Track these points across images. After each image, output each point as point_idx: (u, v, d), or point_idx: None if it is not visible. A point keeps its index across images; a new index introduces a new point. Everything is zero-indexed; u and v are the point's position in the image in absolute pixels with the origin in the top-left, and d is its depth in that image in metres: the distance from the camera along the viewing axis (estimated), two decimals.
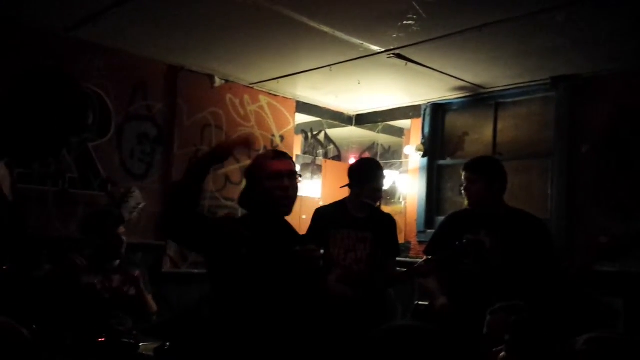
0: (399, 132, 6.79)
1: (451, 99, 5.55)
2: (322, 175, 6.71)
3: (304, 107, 5.96)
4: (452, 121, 5.71)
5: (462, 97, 5.45)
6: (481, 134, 5.45)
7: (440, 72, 4.70)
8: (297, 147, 6.54)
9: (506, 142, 5.25)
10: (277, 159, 2.36)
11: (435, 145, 5.72)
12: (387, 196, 6.14)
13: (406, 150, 5.98)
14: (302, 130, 6.97)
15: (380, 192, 3.67)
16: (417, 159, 5.78)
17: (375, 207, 3.72)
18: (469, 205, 3.31)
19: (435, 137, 5.72)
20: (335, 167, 6.94)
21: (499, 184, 3.26)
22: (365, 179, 3.60)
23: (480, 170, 3.28)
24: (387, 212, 4.01)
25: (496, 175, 3.27)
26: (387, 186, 5.92)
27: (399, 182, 6.13)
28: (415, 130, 5.91)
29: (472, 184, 3.25)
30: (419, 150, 5.68)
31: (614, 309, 3.85)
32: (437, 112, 5.74)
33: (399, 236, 4.51)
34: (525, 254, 3.12)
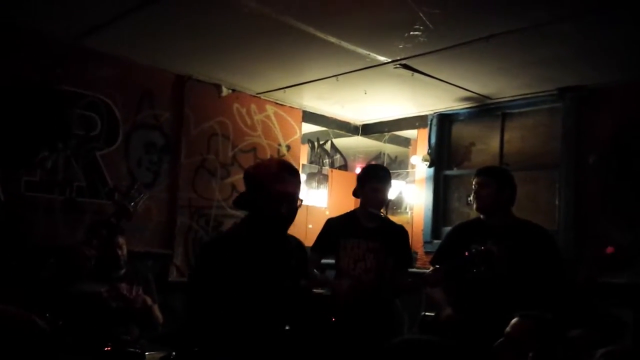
0: (406, 142, 6.79)
1: (458, 109, 5.54)
2: (329, 184, 6.71)
3: (310, 117, 5.97)
4: (459, 131, 5.71)
5: (468, 108, 5.45)
6: (488, 144, 5.45)
7: (446, 82, 4.70)
8: (304, 156, 6.55)
9: (513, 153, 5.24)
10: (292, 177, 2.28)
11: (441, 155, 5.72)
12: (394, 206, 6.13)
13: (413, 160, 5.97)
14: (309, 139, 6.97)
15: (380, 193, 3.56)
16: (423, 169, 5.77)
17: (386, 218, 3.71)
18: (478, 209, 3.32)
19: (441, 147, 5.72)
20: (341, 177, 6.94)
21: (508, 192, 3.31)
22: (365, 179, 3.61)
23: (492, 175, 3.36)
24: (392, 220, 3.99)
25: (507, 183, 3.34)
26: (393, 196, 5.91)
27: (406, 192, 6.12)
28: (421, 140, 5.91)
29: (483, 188, 3.29)
30: (425, 160, 5.68)
31: (623, 321, 3.82)
32: (444, 122, 5.74)
33: None
34: (532, 264, 3.12)
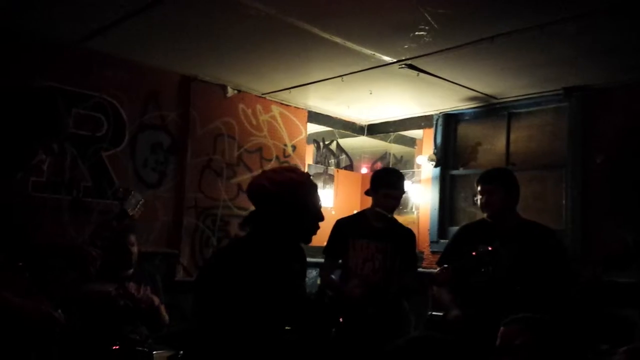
0: (411, 142, 6.79)
1: (463, 109, 5.54)
2: (334, 184, 6.72)
3: (315, 117, 5.98)
4: (465, 131, 5.70)
5: (474, 107, 5.45)
6: (494, 144, 5.44)
7: (452, 82, 4.70)
8: (309, 156, 6.56)
9: (519, 153, 5.23)
10: (317, 189, 2.23)
11: (447, 155, 5.71)
12: (400, 206, 6.11)
13: (418, 160, 5.97)
14: (314, 140, 6.98)
15: (392, 199, 3.63)
16: (429, 169, 5.77)
17: (394, 219, 3.73)
18: (489, 216, 3.31)
19: (447, 147, 5.71)
20: (347, 177, 6.95)
21: (515, 193, 3.30)
22: (378, 184, 3.64)
23: (498, 180, 3.32)
24: (400, 222, 4.00)
25: (513, 185, 3.33)
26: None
27: (411, 192, 6.12)
28: (427, 140, 5.91)
29: (492, 194, 3.26)
30: (431, 160, 5.67)
31: (631, 321, 3.80)
32: (449, 122, 5.73)
33: None
34: (539, 265, 3.11)
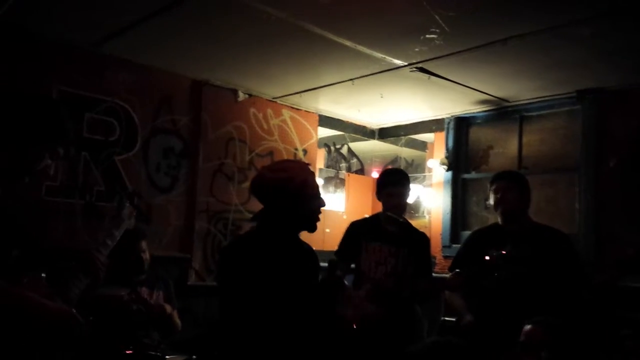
0: (422, 145, 6.77)
1: (475, 113, 5.52)
2: (346, 188, 6.71)
3: (326, 121, 5.98)
4: (476, 134, 5.68)
5: (486, 111, 5.42)
6: (506, 147, 5.41)
7: (463, 85, 4.68)
8: (320, 160, 6.55)
9: (532, 156, 5.20)
10: (314, 175, 2.37)
11: (459, 158, 5.69)
12: (411, 210, 6.10)
13: (430, 163, 5.95)
14: (325, 143, 6.98)
15: (395, 197, 3.58)
16: (441, 173, 5.75)
17: (408, 223, 3.71)
18: (504, 213, 3.30)
19: (459, 150, 5.69)
20: (358, 181, 6.93)
21: (528, 196, 3.32)
22: (381, 184, 3.66)
23: (515, 179, 3.36)
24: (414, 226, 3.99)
25: (527, 187, 3.36)
26: (411, 200, 5.89)
27: (423, 196, 6.10)
28: (438, 143, 5.89)
29: (508, 192, 3.28)
30: (442, 163, 5.65)
31: None
32: (461, 125, 5.71)
33: None
34: (552, 269, 3.09)
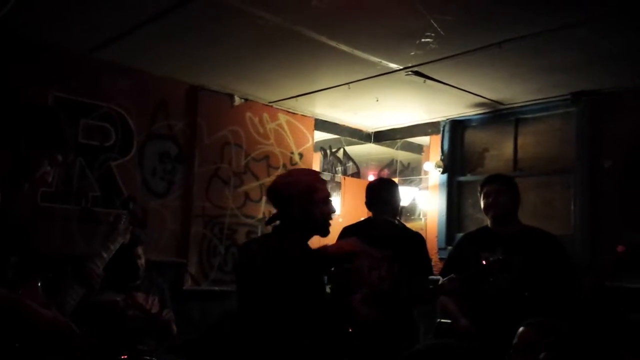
0: (418, 148, 6.77)
1: (470, 116, 5.53)
2: (341, 192, 6.71)
3: (322, 125, 5.98)
4: (472, 137, 5.69)
5: (481, 114, 5.43)
6: (501, 150, 5.42)
7: (458, 88, 4.70)
8: (316, 164, 6.55)
9: (527, 158, 5.21)
10: (324, 182, 2.46)
11: (454, 161, 5.70)
12: (407, 213, 6.11)
13: (425, 166, 5.95)
14: (321, 147, 6.97)
15: (388, 213, 3.65)
16: (436, 176, 5.76)
17: (401, 226, 3.71)
18: (495, 217, 3.32)
19: (454, 153, 5.70)
20: (354, 184, 6.93)
21: (518, 198, 3.36)
22: (370, 203, 3.68)
23: (506, 182, 3.39)
24: (408, 227, 3.98)
25: (517, 190, 3.39)
26: (406, 203, 5.89)
27: (419, 198, 6.10)
28: (434, 146, 5.90)
29: (500, 195, 3.30)
30: (438, 166, 5.66)
31: None
32: (456, 128, 5.72)
33: None
34: (544, 271, 3.10)
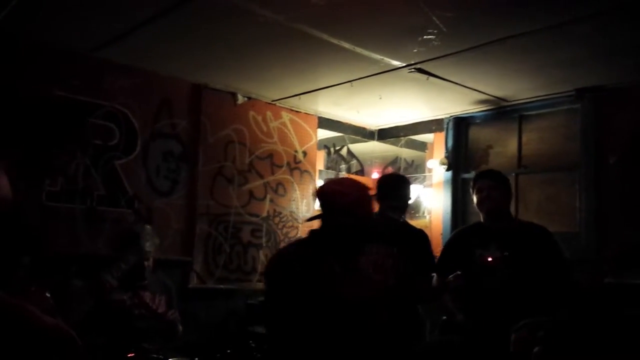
0: (422, 146, 6.76)
1: (474, 112, 5.52)
2: None
3: (326, 123, 5.98)
4: (476, 134, 5.68)
5: (485, 110, 5.42)
6: (505, 146, 5.41)
7: (462, 85, 4.68)
8: (320, 162, 6.55)
9: (531, 155, 5.20)
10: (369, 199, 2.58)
11: (459, 158, 5.69)
12: (412, 210, 6.10)
13: (429, 164, 5.95)
14: (325, 145, 6.97)
15: (398, 208, 3.67)
16: (440, 173, 5.75)
17: (404, 223, 3.71)
18: (489, 212, 3.34)
19: (458, 150, 5.69)
20: None
21: (510, 194, 3.44)
22: (382, 196, 3.64)
23: (500, 179, 3.41)
24: (411, 224, 3.97)
25: (509, 185, 3.44)
26: (411, 200, 5.88)
27: (423, 196, 6.09)
28: (438, 144, 5.89)
29: (493, 190, 3.33)
30: (442, 163, 5.65)
31: None
32: (460, 125, 5.71)
33: None
34: (539, 266, 3.11)
